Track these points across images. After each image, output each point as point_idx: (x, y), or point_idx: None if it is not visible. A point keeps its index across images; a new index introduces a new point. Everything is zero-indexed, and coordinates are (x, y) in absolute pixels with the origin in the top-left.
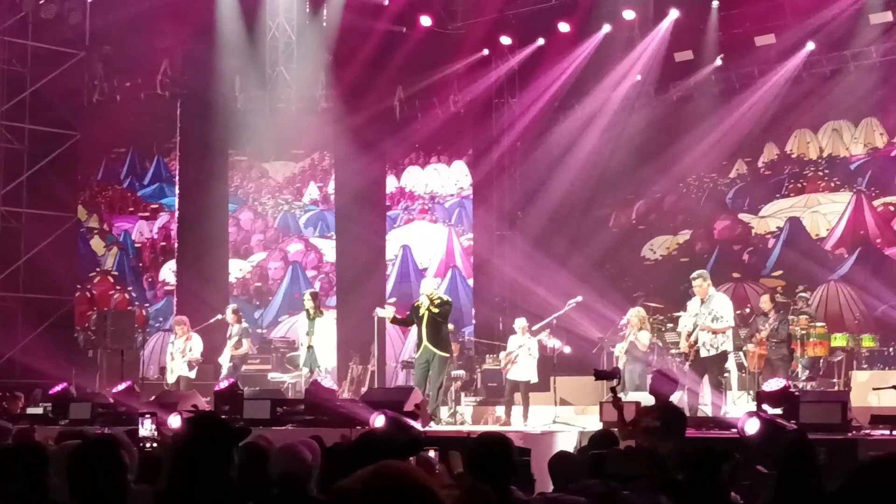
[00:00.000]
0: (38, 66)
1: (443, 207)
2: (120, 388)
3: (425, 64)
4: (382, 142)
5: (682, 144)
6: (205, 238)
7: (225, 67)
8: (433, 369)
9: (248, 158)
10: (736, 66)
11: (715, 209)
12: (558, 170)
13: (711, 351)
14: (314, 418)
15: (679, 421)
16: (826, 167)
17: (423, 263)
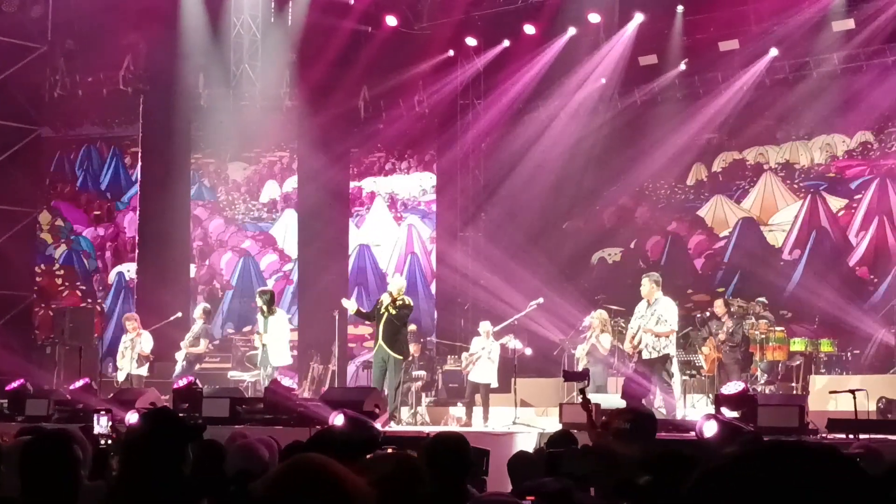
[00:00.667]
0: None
1: (405, 208)
2: (77, 385)
3: (390, 64)
4: (346, 141)
5: (645, 148)
6: (166, 235)
7: (189, 64)
8: (389, 370)
9: (210, 156)
10: (700, 71)
11: (675, 213)
12: (522, 171)
13: (653, 353)
14: (273, 417)
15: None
16: (783, 172)
17: (383, 263)
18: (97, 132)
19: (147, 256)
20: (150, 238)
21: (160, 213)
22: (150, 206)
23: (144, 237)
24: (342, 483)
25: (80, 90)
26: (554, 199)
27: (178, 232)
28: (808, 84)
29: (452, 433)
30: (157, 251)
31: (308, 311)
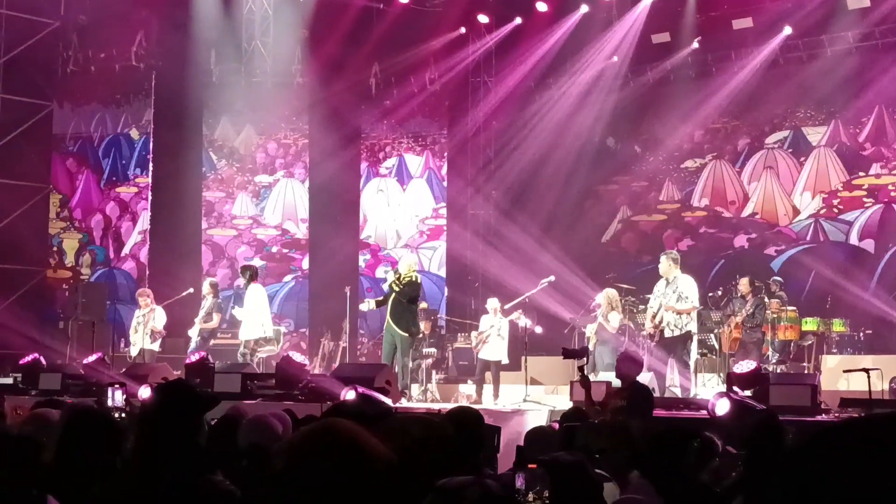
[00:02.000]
0: (12, 35)
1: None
2: (90, 360)
3: (402, 41)
4: (357, 118)
5: (657, 126)
6: (177, 210)
7: (201, 40)
8: (399, 348)
9: (222, 131)
10: (713, 49)
11: (688, 192)
12: (533, 150)
13: (675, 331)
14: (285, 392)
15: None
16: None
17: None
18: (109, 108)
19: (158, 232)
20: (161, 213)
21: (172, 189)
22: (162, 182)
23: (156, 212)
24: (367, 447)
25: (92, 66)
26: (565, 177)
27: (189, 207)
28: (822, 62)
29: (467, 408)
30: (168, 226)
31: (319, 287)
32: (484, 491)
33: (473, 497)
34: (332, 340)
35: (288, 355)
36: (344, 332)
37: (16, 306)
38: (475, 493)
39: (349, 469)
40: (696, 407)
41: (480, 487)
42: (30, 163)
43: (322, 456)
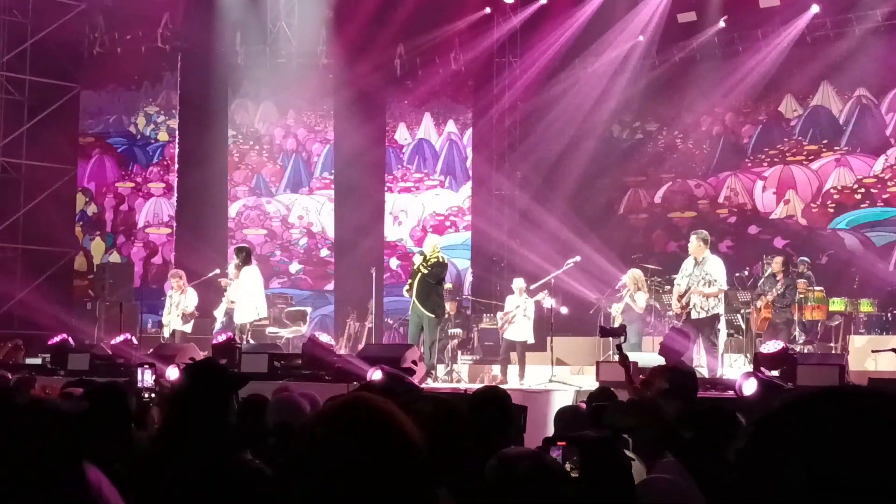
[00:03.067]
0: (39, 17)
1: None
2: (118, 340)
3: (427, 21)
4: (382, 99)
5: (683, 106)
6: (203, 191)
7: (226, 21)
8: (425, 328)
9: (247, 113)
10: (739, 28)
11: (715, 171)
12: (558, 130)
13: (702, 314)
14: (311, 373)
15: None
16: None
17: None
18: (135, 89)
19: (185, 212)
20: (188, 194)
21: (198, 170)
22: (189, 163)
23: (182, 194)
24: (398, 423)
25: (118, 48)
26: (590, 157)
27: (215, 188)
28: (849, 41)
29: (495, 387)
30: (194, 207)
31: (345, 268)
32: (537, 463)
33: (527, 467)
34: (357, 321)
35: (314, 336)
36: (370, 312)
37: (44, 287)
38: (528, 464)
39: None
40: (723, 387)
41: (533, 460)
42: (57, 145)
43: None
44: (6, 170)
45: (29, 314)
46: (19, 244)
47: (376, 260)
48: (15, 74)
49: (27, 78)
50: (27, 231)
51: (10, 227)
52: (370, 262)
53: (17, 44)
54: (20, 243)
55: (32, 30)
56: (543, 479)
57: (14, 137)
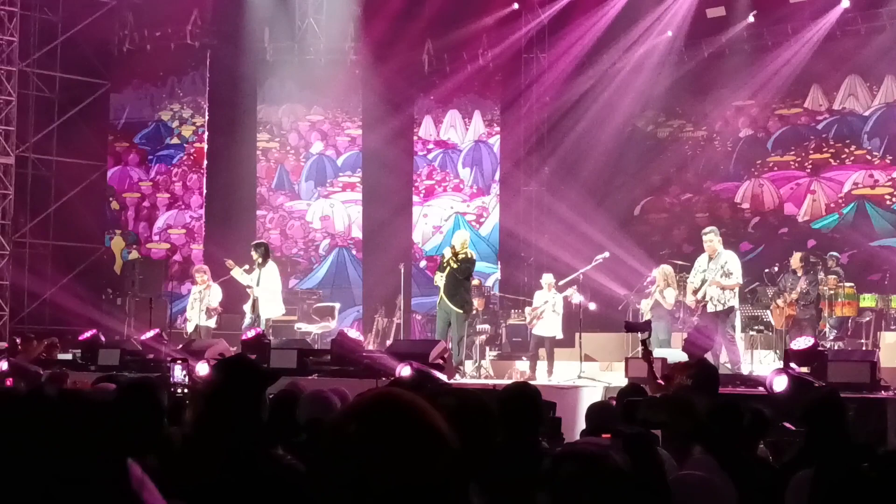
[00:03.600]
0: (69, 15)
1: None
2: (148, 336)
3: (455, 17)
4: (410, 95)
5: (712, 101)
6: (232, 188)
7: (255, 18)
8: (453, 324)
9: (276, 109)
10: (769, 23)
11: (744, 167)
12: (586, 125)
13: (719, 306)
14: (340, 368)
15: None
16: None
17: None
18: (164, 86)
19: (214, 209)
20: (216, 191)
21: (226, 166)
22: (217, 160)
23: (211, 190)
24: (427, 418)
25: (147, 45)
26: (619, 153)
27: (244, 184)
28: (881, 36)
29: (525, 384)
30: (223, 203)
31: (373, 264)
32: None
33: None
34: (385, 317)
35: (343, 331)
36: (398, 308)
37: (74, 283)
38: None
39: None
40: (752, 383)
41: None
42: (87, 141)
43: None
44: (37, 167)
45: (59, 310)
46: (50, 240)
47: (404, 256)
48: (45, 72)
49: (57, 75)
50: (57, 227)
51: (41, 224)
52: (398, 259)
53: (47, 41)
54: (51, 240)
55: (63, 27)
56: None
57: (44, 134)
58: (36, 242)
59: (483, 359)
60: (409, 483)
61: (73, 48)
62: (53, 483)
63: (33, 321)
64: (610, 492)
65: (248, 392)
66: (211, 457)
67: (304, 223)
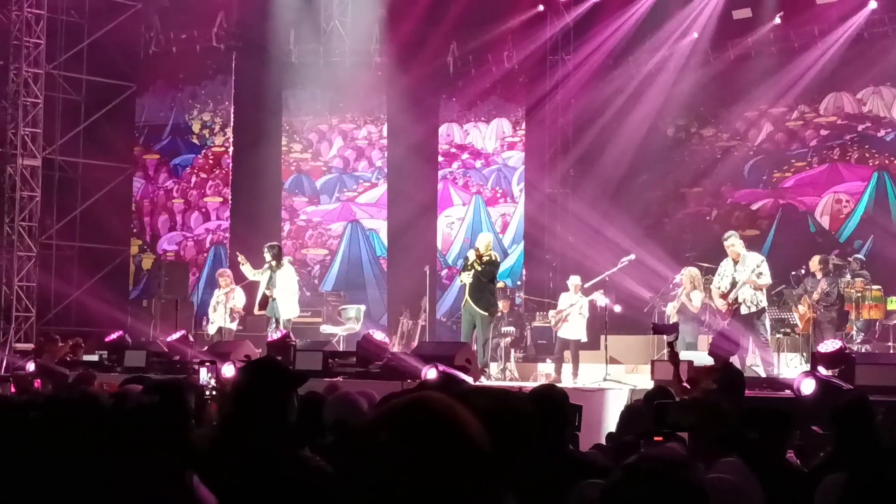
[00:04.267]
0: (95, 18)
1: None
2: (174, 337)
3: (480, 19)
4: (436, 97)
5: (738, 103)
6: (257, 192)
7: (280, 20)
8: (478, 326)
9: (300, 111)
10: (795, 25)
11: (770, 170)
12: (612, 127)
13: (752, 308)
14: (365, 370)
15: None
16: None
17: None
18: (190, 88)
19: (238, 211)
20: (242, 194)
21: (252, 170)
22: (243, 162)
23: (237, 193)
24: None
25: (173, 47)
26: (644, 156)
27: (269, 188)
28: None
29: (553, 386)
30: (247, 206)
31: (397, 266)
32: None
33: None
34: (410, 319)
35: (368, 333)
36: (423, 310)
37: (100, 285)
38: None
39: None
40: (780, 386)
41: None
42: (112, 144)
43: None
44: (63, 169)
45: (85, 311)
46: (76, 242)
47: (429, 258)
48: (72, 74)
49: (84, 77)
50: (84, 229)
51: (68, 226)
52: (423, 260)
53: (74, 44)
54: (77, 241)
55: (89, 30)
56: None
57: (71, 137)
58: (62, 244)
59: (508, 361)
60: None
61: (100, 51)
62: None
63: (59, 322)
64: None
65: (276, 394)
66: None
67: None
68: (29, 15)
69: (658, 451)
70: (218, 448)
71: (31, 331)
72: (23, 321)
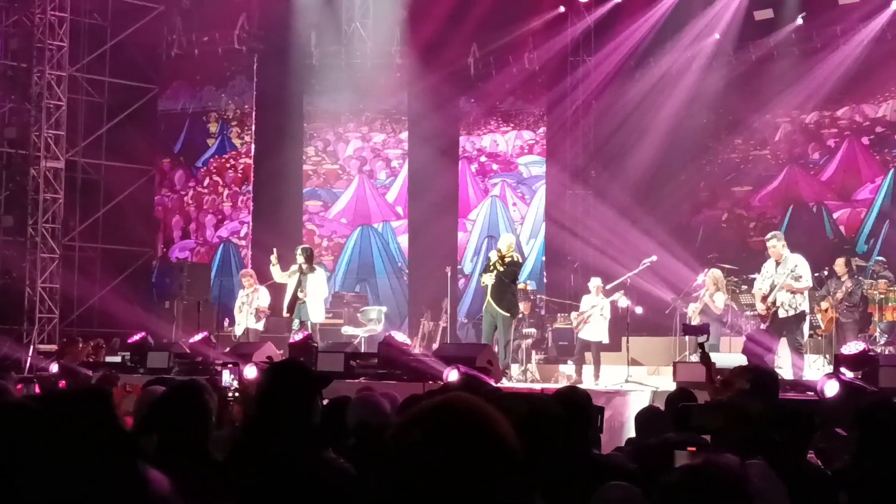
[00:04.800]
0: (118, 20)
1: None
2: (197, 339)
3: (501, 21)
4: (457, 99)
5: (760, 104)
6: (279, 193)
7: (301, 22)
8: (499, 327)
9: (323, 113)
10: (818, 25)
11: (793, 171)
12: (633, 129)
13: (790, 311)
14: (387, 372)
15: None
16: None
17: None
18: (212, 90)
19: (260, 212)
20: (264, 196)
21: (274, 171)
22: (264, 164)
23: (258, 195)
24: (495, 425)
25: (195, 49)
26: (666, 157)
27: (290, 188)
28: None
29: (576, 388)
30: (269, 207)
31: (418, 267)
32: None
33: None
34: (431, 321)
35: (390, 335)
36: (444, 311)
37: (123, 286)
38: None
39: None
40: (802, 388)
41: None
42: (135, 145)
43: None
44: (86, 171)
45: (108, 313)
46: (99, 244)
47: (450, 259)
48: (95, 76)
49: (106, 80)
50: (106, 231)
51: (90, 228)
52: (444, 262)
53: (96, 46)
54: (99, 243)
55: (112, 32)
56: None
57: (93, 139)
58: (85, 246)
59: (529, 362)
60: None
61: (122, 53)
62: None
63: (82, 324)
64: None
65: (300, 395)
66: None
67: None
68: (52, 18)
69: (717, 458)
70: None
71: (54, 332)
72: (46, 322)
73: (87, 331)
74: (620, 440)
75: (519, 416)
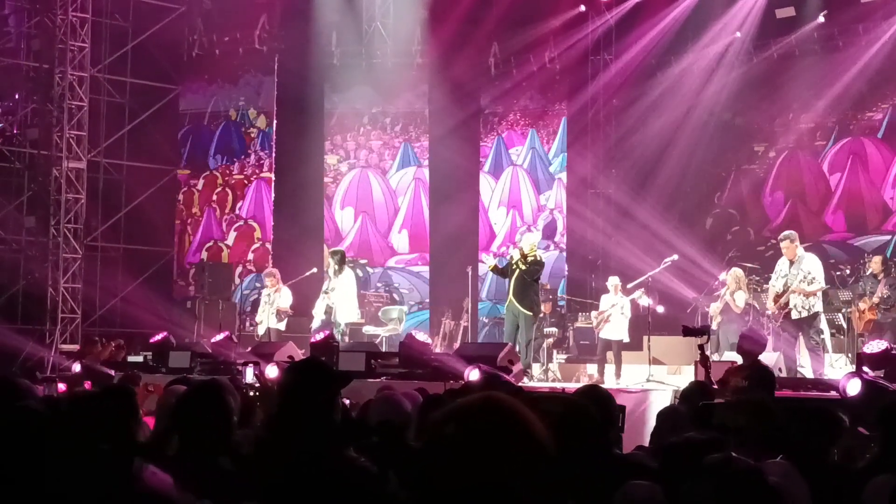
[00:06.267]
0: (139, 21)
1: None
2: (218, 338)
3: (521, 20)
4: (477, 98)
5: (782, 103)
6: (301, 192)
7: (322, 22)
8: (521, 327)
9: (343, 112)
10: (840, 23)
11: (814, 170)
12: (654, 128)
13: (803, 313)
14: (408, 371)
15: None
16: None
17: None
18: (233, 90)
19: (282, 212)
20: (285, 196)
21: (295, 170)
22: (285, 163)
23: (280, 195)
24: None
25: (217, 49)
26: (687, 155)
27: (312, 188)
28: None
29: (598, 387)
30: (291, 208)
31: (439, 267)
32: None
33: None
34: (452, 320)
35: (411, 334)
36: (465, 311)
37: (145, 286)
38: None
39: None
40: (824, 387)
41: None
42: (156, 145)
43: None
44: (108, 171)
45: (130, 312)
46: (121, 244)
47: (472, 259)
48: (116, 77)
49: (128, 80)
50: (128, 231)
51: (112, 227)
52: (466, 261)
53: (118, 47)
54: (122, 243)
55: (133, 33)
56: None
57: (115, 139)
58: (107, 246)
59: (550, 362)
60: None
61: (143, 53)
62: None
63: (104, 324)
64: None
65: (320, 394)
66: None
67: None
68: (74, 19)
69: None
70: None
71: (76, 332)
72: (68, 322)
73: (109, 331)
74: (642, 439)
75: (553, 417)
